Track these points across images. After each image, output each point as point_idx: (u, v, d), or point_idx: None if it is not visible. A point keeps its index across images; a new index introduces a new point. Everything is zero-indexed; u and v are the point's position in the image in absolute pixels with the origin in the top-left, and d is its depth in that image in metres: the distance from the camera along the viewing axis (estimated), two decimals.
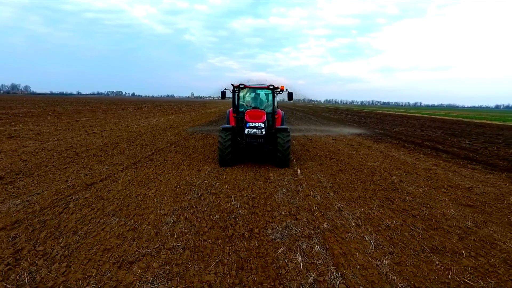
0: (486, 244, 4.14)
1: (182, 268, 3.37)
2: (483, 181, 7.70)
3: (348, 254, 3.77)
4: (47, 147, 10.44)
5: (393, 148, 12.78)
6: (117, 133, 14.88)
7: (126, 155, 9.61)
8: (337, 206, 5.46)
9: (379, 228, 4.58)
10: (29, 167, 7.61)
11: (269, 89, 9.46)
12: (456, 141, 15.80)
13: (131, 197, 5.63)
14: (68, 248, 3.73)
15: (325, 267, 3.48)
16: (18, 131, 13.98)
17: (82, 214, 4.80)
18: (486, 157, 11.08)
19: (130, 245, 3.85)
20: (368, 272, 3.39)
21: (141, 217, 4.77)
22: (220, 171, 7.88)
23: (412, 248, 3.99)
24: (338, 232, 4.39)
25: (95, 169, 7.63)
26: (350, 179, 7.45)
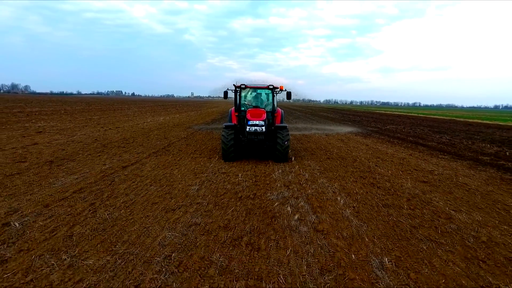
0: (424, 203, 5.74)
1: (209, 212, 4.96)
2: (445, 166, 9.31)
3: (323, 207, 5.37)
4: (75, 140, 12.02)
5: (378, 143, 14.39)
6: (131, 129, 16.46)
7: (145, 146, 11.19)
8: (320, 181, 7.06)
9: (349, 194, 6.18)
10: (69, 154, 9.19)
11: (269, 89, 10.09)
12: (438, 137, 17.42)
13: (160, 175, 7.22)
14: (126, 203, 5.31)
15: (306, 212, 5.07)
16: (42, 127, 15.55)
17: (127, 184, 6.38)
18: (458, 150, 12.69)
19: (170, 201, 5.44)
20: (334, 215, 4.99)
21: (172, 186, 6.36)
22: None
23: (370, 204, 5.59)
24: (318, 195, 5.99)
25: (124, 156, 9.21)
26: (334, 164, 9.06)
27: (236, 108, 10.14)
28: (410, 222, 4.82)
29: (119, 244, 3.85)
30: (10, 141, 11.07)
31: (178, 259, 3.52)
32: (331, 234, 4.32)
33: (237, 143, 9.03)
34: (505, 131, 23.18)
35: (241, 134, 9.43)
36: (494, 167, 9.44)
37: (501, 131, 23.11)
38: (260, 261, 3.57)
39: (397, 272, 3.40)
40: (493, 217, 5.18)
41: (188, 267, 3.37)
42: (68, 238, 3.95)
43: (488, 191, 6.74)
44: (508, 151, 12.65)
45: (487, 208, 5.62)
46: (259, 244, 3.97)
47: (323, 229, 4.45)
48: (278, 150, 8.76)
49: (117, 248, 3.75)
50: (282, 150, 8.74)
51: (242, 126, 9.54)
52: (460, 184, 7.20)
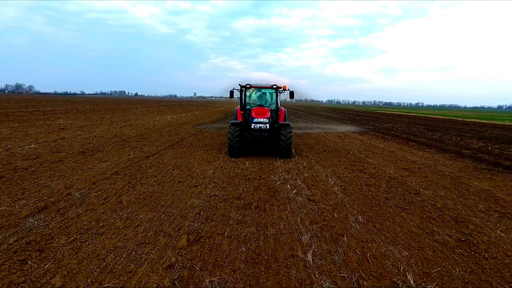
0: (400, 184, 6.94)
1: (224, 188, 6.20)
2: (428, 158, 10.49)
3: (316, 185, 6.59)
4: (96, 135, 13.31)
5: (373, 139, 15.57)
6: (143, 126, 17.76)
7: (160, 141, 12.45)
8: (315, 168, 8.28)
9: (339, 177, 7.39)
10: (95, 147, 10.46)
11: (272, 89, 10.62)
12: (430, 134, 18.56)
13: (179, 163, 8.47)
14: (157, 181, 6.55)
15: (302, 189, 6.30)
16: (63, 125, 16.87)
17: (153, 169, 7.64)
18: (445, 145, 13.84)
19: (191, 180, 6.69)
20: (325, 191, 6.21)
21: (191, 170, 7.61)
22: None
23: (355, 184, 6.81)
24: (313, 178, 7.21)
25: (144, 149, 10.47)
26: (329, 155, 10.28)
27: (241, 106, 10.74)
28: (385, 196, 6.03)
29: (159, 207, 5.10)
30: (40, 136, 12.38)
31: (205, 215, 4.76)
32: (321, 202, 5.54)
33: (243, 139, 9.52)
34: (498, 129, 24.23)
35: (246, 131, 9.87)
36: (472, 158, 10.61)
37: (494, 129, 24.16)
38: (266, 217, 4.80)
39: (367, 224, 4.62)
40: (454, 193, 6.38)
41: (214, 220, 4.61)
42: (119, 203, 5.20)
43: (458, 176, 7.93)
44: (491, 146, 13.78)
45: (451, 187, 6.81)
46: (265, 208, 5.21)
47: (314, 199, 5.67)
48: (282, 146, 9.23)
49: (158, 209, 5.00)
50: (285, 146, 9.21)
51: (247, 123, 10.02)
52: (436, 171, 8.39)
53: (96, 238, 3.91)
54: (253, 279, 3.16)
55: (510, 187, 7.01)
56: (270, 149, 10.19)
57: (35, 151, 9.27)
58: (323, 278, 3.20)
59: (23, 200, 5.11)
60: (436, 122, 31.98)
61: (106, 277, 3.10)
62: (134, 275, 3.13)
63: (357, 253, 3.73)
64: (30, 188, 5.78)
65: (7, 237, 3.83)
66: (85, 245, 3.73)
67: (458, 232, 4.42)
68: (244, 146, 9.69)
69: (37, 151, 9.21)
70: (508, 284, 3.20)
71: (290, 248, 3.84)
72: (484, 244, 4.06)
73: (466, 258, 3.71)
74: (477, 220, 4.90)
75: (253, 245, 3.86)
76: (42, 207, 4.83)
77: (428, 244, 4.03)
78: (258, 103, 11.03)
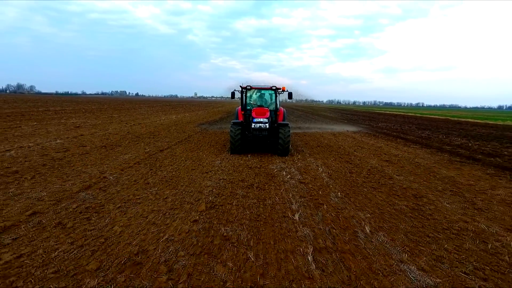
0: (378, 171, 8.21)
1: (230, 174, 7.47)
2: (410, 152, 11.76)
3: (307, 172, 7.86)
4: (111, 132, 14.59)
5: (364, 136, 16.85)
6: (152, 125, 19.05)
7: (170, 138, 13.73)
8: (309, 160, 9.56)
9: (328, 167, 8.67)
10: (114, 142, 11.74)
11: (272, 90, 11.18)
12: (420, 132, 19.82)
13: (190, 155, 9.75)
14: (173, 169, 7.83)
15: (295, 174, 7.57)
16: (77, 123, 18.17)
17: (168, 160, 8.91)
18: (430, 142, 15.09)
19: (202, 168, 7.97)
20: (314, 176, 7.49)
21: (201, 161, 8.89)
22: None
23: (340, 172, 8.08)
24: (305, 167, 8.49)
25: (157, 144, 11.75)
26: (322, 150, 11.56)
27: (242, 107, 11.33)
28: (363, 180, 7.31)
29: (179, 186, 6.38)
30: (61, 133, 13.66)
31: (216, 192, 6.04)
32: (309, 184, 6.81)
33: (243, 138, 10.02)
34: (487, 128, 25.46)
35: (247, 131, 10.36)
36: (450, 153, 11.86)
37: (483, 128, 25.39)
38: (264, 193, 6.08)
39: (344, 198, 5.89)
40: (422, 178, 7.65)
41: (223, 195, 5.89)
42: (147, 184, 6.48)
43: (431, 166, 9.19)
44: (472, 143, 15.03)
45: (421, 174, 8.09)
46: (264, 187, 6.48)
47: (305, 181, 6.95)
48: (280, 145, 9.78)
49: (179, 187, 6.28)
50: (284, 145, 9.74)
51: (248, 123, 10.53)
52: (413, 162, 9.66)
53: (137, 205, 5.19)
54: (254, 229, 4.43)
55: (471, 175, 8.28)
56: (269, 147, 10.75)
57: (62, 145, 10.56)
58: (305, 228, 4.47)
59: (70, 181, 6.40)
60: (430, 122, 33.22)
61: (151, 227, 4.37)
62: (171, 226, 4.41)
63: (332, 215, 5.00)
64: (71, 173, 7.06)
65: (70, 204, 5.11)
66: (130, 209, 5.01)
67: (414, 204, 5.69)
68: (245, 144, 10.23)
69: (64, 145, 10.49)
70: (439, 233, 4.46)
71: (282, 212, 5.11)
72: (430, 211, 5.34)
73: (413, 219, 4.98)
74: (432, 196, 6.17)
75: (254, 210, 5.14)
76: (87, 186, 6.12)
77: (387, 210, 5.30)
78: (258, 104, 11.72)
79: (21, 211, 4.71)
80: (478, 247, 4.06)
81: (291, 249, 3.84)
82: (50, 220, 4.45)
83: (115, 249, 3.69)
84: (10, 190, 5.69)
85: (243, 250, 3.79)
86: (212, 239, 4.05)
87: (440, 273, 3.40)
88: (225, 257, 3.60)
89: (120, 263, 3.39)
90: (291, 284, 3.13)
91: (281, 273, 3.33)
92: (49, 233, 4.06)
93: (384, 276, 3.32)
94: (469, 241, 4.22)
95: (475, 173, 8.58)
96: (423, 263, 3.60)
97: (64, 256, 3.52)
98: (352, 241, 4.12)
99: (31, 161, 8.05)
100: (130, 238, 4.00)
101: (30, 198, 5.30)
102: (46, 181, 6.37)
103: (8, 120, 18.20)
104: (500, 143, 15.31)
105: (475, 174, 8.38)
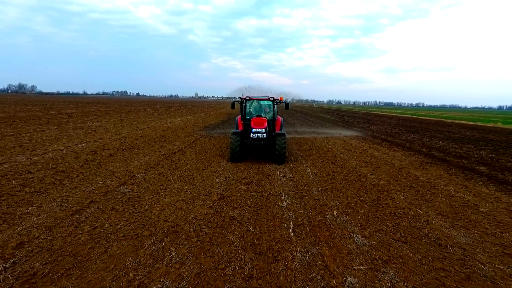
0: (356, 171, 9.91)
1: (234, 173, 9.19)
2: (390, 154, 13.46)
3: (298, 172, 9.58)
4: (126, 136, 16.31)
5: (354, 140, 18.56)
6: (160, 128, 20.78)
7: (179, 141, 15.46)
8: (300, 161, 11.28)
9: (315, 167, 10.38)
10: (131, 146, 13.46)
11: (270, 100, 12.24)
12: (407, 135, 21.51)
13: (199, 157, 11.47)
14: (187, 169, 9.54)
15: (287, 174, 9.29)
16: (93, 127, 19.90)
17: (182, 162, 10.63)
18: (412, 144, 16.78)
19: (211, 168, 9.69)
20: (302, 175, 9.20)
21: (209, 162, 10.61)
22: None
23: (324, 171, 9.79)
24: (297, 168, 10.21)
25: (169, 147, 13.47)
26: (313, 152, 13.28)
27: (242, 116, 12.19)
28: (342, 178, 9.02)
29: (195, 182, 8.10)
30: (81, 137, 15.39)
31: (224, 187, 7.76)
32: (298, 181, 8.53)
33: (243, 147, 10.71)
34: (474, 131, 27.13)
35: (246, 139, 11.04)
36: (425, 155, 13.56)
37: (469, 131, 27.05)
38: (261, 188, 7.80)
39: (323, 192, 7.60)
40: (391, 177, 9.35)
41: (230, 189, 7.61)
42: (168, 181, 8.20)
43: (403, 167, 10.90)
44: (450, 146, 16.72)
45: (392, 174, 9.79)
46: (261, 184, 8.20)
47: (294, 179, 8.67)
48: (277, 154, 10.51)
49: (194, 184, 8.00)
50: (280, 154, 10.44)
51: (247, 132, 11.22)
52: (389, 164, 11.37)
53: (165, 196, 6.91)
54: (253, 212, 6.14)
55: (434, 174, 9.99)
56: (267, 155, 11.54)
57: (88, 148, 12.29)
58: (290, 212, 6.18)
59: (108, 179, 8.12)
60: (422, 124, 34.89)
61: (179, 211, 6.08)
62: (193, 210, 6.13)
63: (311, 204, 6.71)
64: (106, 172, 8.78)
65: (115, 195, 6.83)
66: (161, 199, 6.72)
67: (376, 196, 7.40)
68: (244, 152, 10.96)
69: (90, 149, 12.22)
70: (386, 216, 6.16)
71: (274, 201, 6.82)
72: (386, 201, 7.05)
73: (371, 206, 6.69)
74: (392, 190, 7.89)
75: (253, 200, 6.85)
76: (123, 182, 7.84)
77: (353, 201, 7.02)
78: (257, 114, 12.44)
79: (82, 200, 6.43)
80: (410, 224, 5.77)
81: (278, 225, 5.56)
82: (105, 206, 6.17)
83: (158, 224, 5.41)
84: (65, 185, 7.42)
85: (245, 225, 5.50)
86: (223, 218, 5.77)
87: (376, 239, 5.11)
88: (233, 229, 5.32)
89: (164, 231, 5.11)
90: (276, 244, 4.84)
91: (270, 238, 5.04)
92: (108, 215, 5.78)
93: (338, 240, 5.04)
94: (405, 220, 5.94)
95: (438, 172, 10.28)
96: (367, 233, 5.32)
97: (125, 227, 5.24)
98: (322, 220, 5.84)
99: (69, 162, 9.78)
100: (166, 217, 5.72)
101: (83, 191, 7.02)
102: (89, 178, 8.10)
103: (29, 123, 19.95)
104: (476, 146, 17.00)
105: (437, 174, 10.09)
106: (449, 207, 6.82)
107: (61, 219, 5.44)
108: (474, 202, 7.18)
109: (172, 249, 4.53)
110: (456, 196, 7.68)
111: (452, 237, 5.24)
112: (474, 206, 6.93)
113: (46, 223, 5.23)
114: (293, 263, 4.30)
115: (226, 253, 4.50)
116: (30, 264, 4.03)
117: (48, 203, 6.17)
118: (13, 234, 4.79)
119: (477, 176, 9.93)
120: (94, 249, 4.49)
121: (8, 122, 20.00)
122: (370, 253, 4.63)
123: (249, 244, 4.78)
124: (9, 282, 3.64)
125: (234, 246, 4.71)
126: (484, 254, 4.70)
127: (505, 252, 4.80)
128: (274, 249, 4.68)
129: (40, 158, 10.04)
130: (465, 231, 5.55)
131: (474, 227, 5.75)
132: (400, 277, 4.03)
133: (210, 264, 4.19)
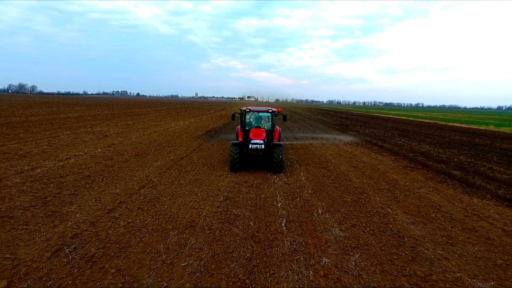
0: (344, 175, 11.30)
1: (237, 177, 10.57)
2: (377, 159, 14.85)
3: (292, 176, 10.97)
4: (135, 141, 17.69)
5: (346, 145, 19.96)
6: (165, 133, 22.15)
7: (185, 146, 16.84)
8: (295, 166, 12.68)
9: (308, 172, 11.76)
10: (143, 151, 14.84)
11: (268, 112, 12.88)
12: (398, 140, 22.89)
13: (205, 162, 12.84)
14: (196, 173, 10.91)
15: (282, 178, 10.68)
16: (104, 132, 21.27)
17: (190, 166, 12.00)
18: (400, 149, 18.16)
19: (217, 172, 11.07)
20: (296, 179, 10.59)
21: (214, 166, 11.97)
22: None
23: (315, 175, 11.18)
24: (291, 172, 11.60)
25: (176, 152, 14.85)
26: (307, 157, 14.67)
27: (242, 127, 12.74)
28: (330, 182, 10.41)
29: (203, 186, 9.48)
30: (95, 142, 16.75)
31: (228, 189, 9.14)
32: (292, 184, 9.92)
33: (242, 156, 11.26)
34: (464, 134, 28.53)
35: (245, 149, 11.50)
36: (409, 160, 14.94)
37: (458, 134, 28.46)
38: (260, 191, 9.18)
39: (312, 194, 8.98)
40: (373, 181, 10.74)
41: (234, 191, 9.00)
42: (180, 184, 9.58)
43: (386, 171, 12.28)
44: (435, 150, 18.10)
45: (375, 178, 11.18)
46: (260, 187, 9.59)
47: (289, 182, 10.06)
48: (274, 164, 11.09)
49: (203, 187, 9.38)
50: (277, 164, 11.04)
51: (246, 142, 11.66)
52: (374, 168, 12.75)
53: (180, 197, 8.29)
54: (253, 211, 7.53)
55: (412, 178, 11.37)
56: (265, 165, 11.94)
57: (104, 154, 13.66)
58: (283, 211, 7.57)
59: (129, 182, 9.50)
60: (415, 127, 36.27)
61: (193, 210, 7.46)
62: (204, 209, 7.51)
63: (301, 204, 8.10)
64: (126, 177, 10.17)
65: (138, 197, 8.21)
66: (177, 200, 8.11)
67: (356, 197, 8.79)
68: (243, 162, 11.49)
69: (106, 154, 13.60)
70: (362, 214, 7.54)
71: (271, 202, 8.21)
72: (364, 202, 8.44)
73: (351, 206, 8.07)
74: (371, 193, 9.28)
75: (253, 201, 8.24)
76: (143, 185, 9.22)
77: (337, 201, 8.40)
78: (256, 125, 12.98)
79: (112, 201, 7.81)
80: (379, 220, 7.16)
81: (273, 221, 6.95)
82: (133, 206, 7.55)
83: (177, 220, 6.79)
84: (95, 188, 8.80)
85: (247, 221, 6.89)
86: (229, 215, 7.16)
87: (350, 231, 6.50)
88: (237, 224, 6.71)
89: (183, 225, 6.50)
90: (271, 235, 6.23)
91: (267, 231, 6.43)
92: (136, 212, 7.17)
93: (320, 232, 6.43)
94: (376, 217, 7.33)
95: (416, 176, 11.67)
96: (343, 227, 6.71)
97: (152, 222, 6.62)
98: (309, 217, 7.23)
99: (91, 167, 11.16)
100: (183, 215, 7.11)
101: (111, 193, 8.40)
102: (113, 182, 9.48)
103: (43, 128, 21.31)
104: (459, 150, 18.39)
105: (415, 178, 11.48)
106: (416, 206, 8.22)
107: (99, 216, 6.82)
108: (438, 203, 8.57)
109: (192, 239, 5.93)
110: (425, 197, 9.07)
111: (410, 231, 6.64)
112: (437, 206, 8.32)
113: (89, 219, 6.62)
114: (283, 248, 5.69)
115: (233, 241, 5.89)
116: (87, 249, 5.41)
117: (85, 203, 7.56)
118: (66, 228, 6.18)
119: (450, 180, 11.32)
120: (131, 238, 5.87)
121: (24, 127, 21.37)
122: (343, 242, 6.02)
123: (250, 235, 6.17)
124: (77, 261, 5.02)
125: (239, 237, 6.10)
126: (431, 243, 6.09)
127: (448, 241, 6.19)
128: (269, 239, 6.07)
129: (65, 164, 11.42)
130: (422, 226, 6.94)
131: (431, 223, 7.14)
132: (362, 258, 5.42)
133: (221, 249, 5.58)
